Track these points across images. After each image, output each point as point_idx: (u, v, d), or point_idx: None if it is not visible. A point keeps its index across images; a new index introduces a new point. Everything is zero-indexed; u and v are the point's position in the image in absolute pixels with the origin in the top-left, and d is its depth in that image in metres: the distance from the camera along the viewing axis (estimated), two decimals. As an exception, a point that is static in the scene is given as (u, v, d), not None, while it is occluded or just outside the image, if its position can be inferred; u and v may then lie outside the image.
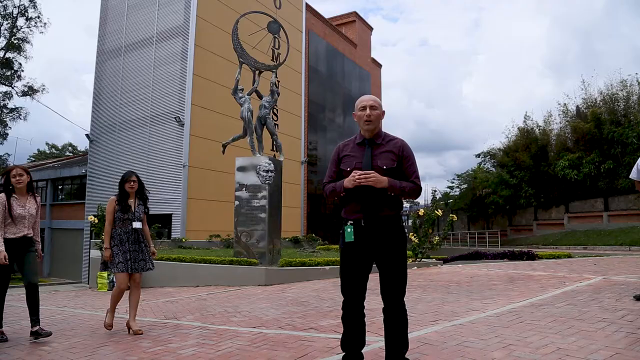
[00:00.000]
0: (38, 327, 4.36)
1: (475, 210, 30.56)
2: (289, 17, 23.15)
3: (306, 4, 25.67)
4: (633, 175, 4.94)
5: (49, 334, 4.35)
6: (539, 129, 28.82)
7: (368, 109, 2.82)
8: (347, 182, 2.71)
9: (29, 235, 4.51)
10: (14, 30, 20.53)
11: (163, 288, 8.59)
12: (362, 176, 2.63)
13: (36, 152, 49.22)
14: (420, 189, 2.80)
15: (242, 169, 9.94)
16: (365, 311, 2.87)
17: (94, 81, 21.02)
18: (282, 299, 6.41)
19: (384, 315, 2.80)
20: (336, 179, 2.86)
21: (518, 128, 29.72)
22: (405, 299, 2.82)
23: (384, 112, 2.92)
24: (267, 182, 9.70)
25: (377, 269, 2.82)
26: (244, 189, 9.78)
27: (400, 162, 2.78)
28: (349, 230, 2.74)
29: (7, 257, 4.22)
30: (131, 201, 4.66)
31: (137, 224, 4.62)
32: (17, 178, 4.49)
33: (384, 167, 2.74)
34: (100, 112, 20.11)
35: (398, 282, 2.76)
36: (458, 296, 5.76)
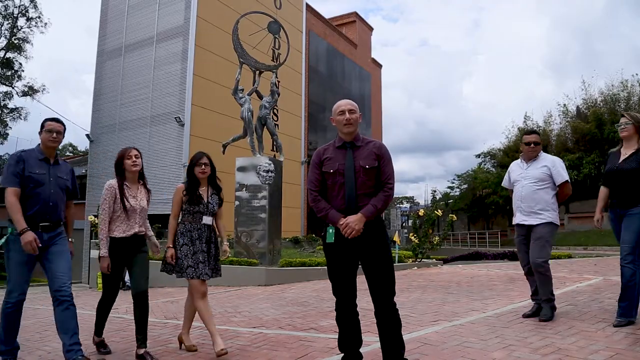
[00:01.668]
0: (144, 350, 3.55)
1: (476, 210, 30.58)
2: (289, 17, 23.14)
3: (306, 4, 25.67)
4: (505, 183, 4.65)
5: None
6: (539, 129, 28.82)
7: (347, 113, 2.89)
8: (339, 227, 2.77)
9: (141, 233, 3.77)
10: (15, 30, 20.55)
11: (163, 288, 8.58)
12: (347, 231, 2.71)
13: (36, 152, 49.11)
14: (390, 194, 2.86)
15: (242, 169, 9.95)
16: (363, 311, 2.88)
17: (94, 81, 21.01)
18: (282, 299, 6.41)
19: (376, 318, 2.83)
20: (320, 182, 2.91)
21: (518, 128, 29.76)
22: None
23: (361, 115, 3.01)
24: (267, 182, 9.70)
25: (363, 270, 2.84)
26: (244, 189, 9.78)
27: (378, 161, 2.85)
28: (330, 231, 2.80)
29: (110, 266, 3.57)
30: (203, 190, 3.75)
31: (207, 219, 3.72)
32: (134, 160, 3.69)
33: (367, 167, 2.81)
34: (100, 112, 20.11)
35: (385, 283, 2.78)
36: (458, 296, 5.76)
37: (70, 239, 3.64)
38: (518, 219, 4.29)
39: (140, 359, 3.51)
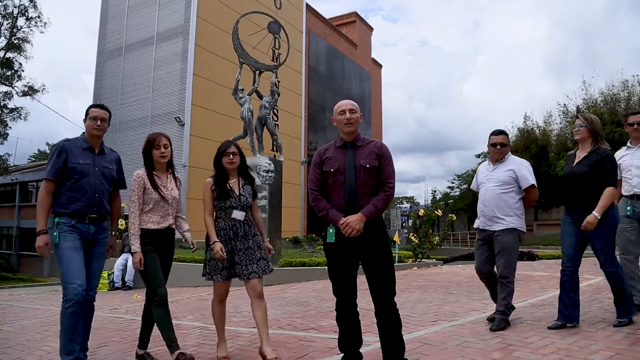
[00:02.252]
0: (144, 351, 3.45)
1: (476, 210, 30.57)
2: (290, 17, 23.15)
3: (306, 4, 25.68)
4: (473, 186, 4.57)
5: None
6: (539, 130, 28.82)
7: (347, 113, 2.90)
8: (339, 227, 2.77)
9: (173, 227, 3.55)
10: (14, 30, 20.52)
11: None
12: (348, 230, 2.72)
13: (36, 152, 49.22)
14: (391, 193, 2.86)
15: (242, 169, 9.94)
16: (363, 311, 2.88)
17: (94, 81, 21.05)
18: (282, 299, 6.41)
19: (377, 318, 2.83)
20: (321, 182, 2.92)
21: (518, 128, 29.76)
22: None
23: (362, 115, 3.01)
24: (267, 182, 9.70)
25: (363, 270, 2.84)
26: (244, 189, 9.77)
27: (378, 161, 2.86)
28: (330, 231, 2.81)
29: (143, 261, 3.29)
30: (233, 182, 3.45)
31: (238, 214, 3.35)
32: (162, 150, 3.44)
33: (367, 166, 2.82)
34: (100, 112, 20.13)
35: (385, 283, 2.78)
36: (458, 296, 5.76)
37: (112, 232, 3.44)
38: (480, 223, 4.11)
39: (140, 359, 3.45)
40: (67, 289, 2.98)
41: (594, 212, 3.55)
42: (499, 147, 4.03)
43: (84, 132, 3.31)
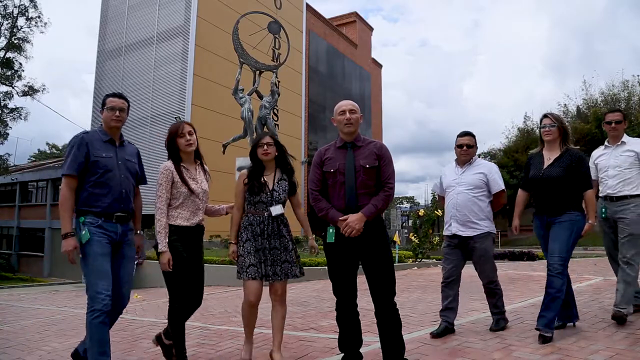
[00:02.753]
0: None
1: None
2: (290, 17, 23.15)
3: (307, 4, 25.68)
4: (436, 189, 4.37)
5: None
6: (539, 130, 28.81)
7: (347, 113, 2.90)
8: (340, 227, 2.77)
9: (203, 224, 3.28)
10: (14, 30, 20.53)
11: (163, 288, 8.53)
12: (348, 230, 2.72)
13: (36, 152, 49.21)
14: (391, 194, 2.87)
15: (242, 169, 9.90)
16: (363, 311, 2.88)
17: (94, 81, 21.05)
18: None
19: (377, 318, 2.83)
20: (321, 182, 2.93)
21: (518, 129, 29.79)
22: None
23: (362, 115, 3.01)
24: (267, 182, 9.69)
25: (363, 270, 2.85)
26: (244, 189, 9.76)
27: (378, 161, 2.87)
28: (330, 231, 2.82)
29: (171, 261, 3.04)
30: (268, 175, 3.23)
31: (276, 209, 3.14)
32: (188, 138, 3.19)
33: (367, 166, 2.83)
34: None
35: (385, 283, 2.79)
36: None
37: (139, 231, 3.21)
38: (453, 229, 3.83)
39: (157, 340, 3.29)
40: (93, 299, 2.76)
41: (589, 220, 3.53)
42: (466, 148, 3.84)
43: (101, 124, 3.06)
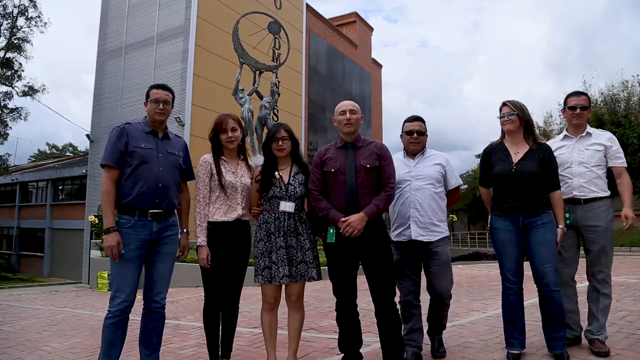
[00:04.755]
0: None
1: (476, 210, 30.58)
2: (290, 17, 23.15)
3: (306, 4, 25.68)
4: None
5: None
6: (539, 130, 28.82)
7: (348, 113, 2.92)
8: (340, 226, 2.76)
9: (245, 219, 3.09)
10: (14, 30, 20.53)
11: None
12: (349, 230, 2.72)
13: (36, 152, 49.23)
14: (392, 193, 2.89)
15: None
16: (363, 311, 2.89)
17: (94, 81, 21.03)
18: (282, 299, 6.40)
19: (377, 318, 2.84)
20: (322, 182, 2.93)
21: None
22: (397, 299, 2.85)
23: (362, 116, 3.01)
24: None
25: (363, 270, 2.85)
26: (244, 189, 9.77)
27: (379, 161, 2.87)
28: (331, 231, 2.83)
29: (210, 257, 2.93)
30: (283, 170, 3.05)
31: (287, 205, 2.93)
32: (230, 134, 3.06)
33: (367, 166, 2.84)
34: (100, 112, 20.11)
35: (385, 283, 2.80)
36: (458, 297, 5.76)
37: (185, 230, 3.06)
38: (412, 233, 3.13)
39: None
40: (111, 299, 2.74)
41: (560, 225, 3.05)
42: (416, 135, 3.25)
43: (145, 117, 2.99)
